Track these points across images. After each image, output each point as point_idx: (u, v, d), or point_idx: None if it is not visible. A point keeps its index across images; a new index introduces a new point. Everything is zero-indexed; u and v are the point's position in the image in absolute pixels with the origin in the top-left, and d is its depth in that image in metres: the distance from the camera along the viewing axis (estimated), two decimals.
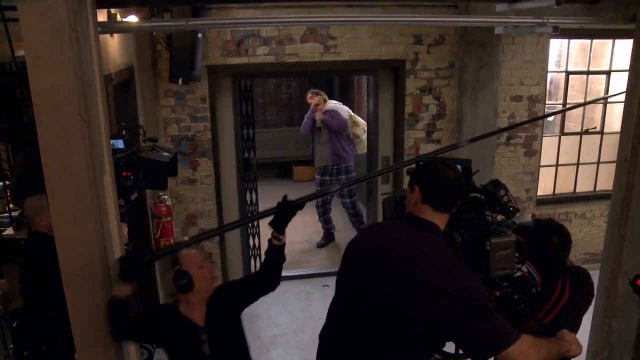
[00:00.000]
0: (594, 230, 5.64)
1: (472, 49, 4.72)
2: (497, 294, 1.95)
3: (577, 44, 5.43)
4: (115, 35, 3.37)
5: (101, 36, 2.49)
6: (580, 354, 1.86)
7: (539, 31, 2.95)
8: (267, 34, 4.59)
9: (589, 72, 5.48)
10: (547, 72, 5.17)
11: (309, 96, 5.98)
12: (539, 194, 5.54)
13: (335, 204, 6.34)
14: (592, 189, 5.79)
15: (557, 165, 5.64)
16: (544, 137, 5.37)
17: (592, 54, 5.42)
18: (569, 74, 5.39)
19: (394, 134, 5.15)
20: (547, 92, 5.28)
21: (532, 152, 5.30)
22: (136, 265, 2.17)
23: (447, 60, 4.92)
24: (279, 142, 9.03)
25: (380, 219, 5.10)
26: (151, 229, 4.33)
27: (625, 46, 5.29)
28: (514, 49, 4.96)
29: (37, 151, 3.32)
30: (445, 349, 2.10)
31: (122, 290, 2.17)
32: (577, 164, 5.69)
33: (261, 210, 2.84)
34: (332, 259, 5.87)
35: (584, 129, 5.59)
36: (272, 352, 4.35)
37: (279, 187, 6.05)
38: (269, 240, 2.27)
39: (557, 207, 5.52)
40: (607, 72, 5.48)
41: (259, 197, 5.53)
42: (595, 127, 5.62)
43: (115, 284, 2.19)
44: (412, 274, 1.75)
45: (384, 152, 5.21)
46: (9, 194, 4.08)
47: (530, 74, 5.07)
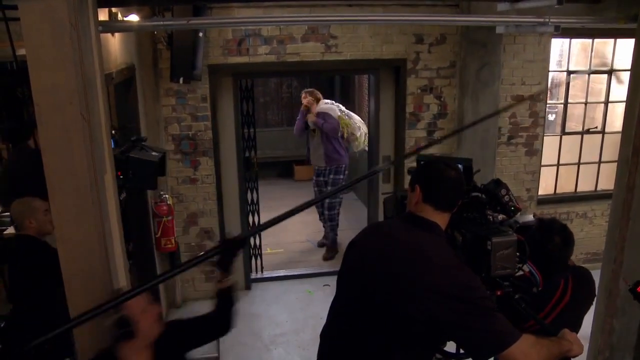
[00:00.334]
0: (595, 230, 5.63)
1: (474, 49, 4.72)
2: (498, 293, 1.95)
3: (578, 43, 5.42)
4: (116, 34, 3.37)
5: (102, 35, 2.49)
6: (581, 353, 1.85)
7: (540, 30, 2.95)
8: (268, 33, 4.59)
9: (590, 72, 5.47)
10: (549, 71, 5.16)
11: (303, 96, 5.90)
12: (540, 193, 5.53)
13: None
14: (594, 189, 5.78)
15: (558, 164, 5.63)
16: (545, 137, 5.36)
17: (593, 54, 5.41)
18: (570, 73, 5.38)
19: (395, 133, 5.15)
20: (549, 91, 5.28)
21: (533, 151, 5.30)
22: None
23: (449, 59, 4.91)
24: (279, 141, 9.03)
25: (381, 218, 5.10)
26: (152, 228, 4.34)
27: (626, 46, 5.28)
28: (515, 48, 4.94)
29: (28, 150, 3.29)
30: (446, 348, 2.10)
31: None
32: (579, 164, 5.68)
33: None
34: (333, 259, 5.86)
35: (585, 128, 5.60)
36: (273, 351, 4.36)
37: (280, 187, 6.06)
38: (216, 283, 2.15)
39: (558, 206, 5.51)
40: (609, 72, 5.48)
41: (260, 197, 5.55)
42: (596, 127, 5.63)
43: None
44: (412, 274, 1.75)
45: (385, 152, 5.21)
46: None
47: (531, 74, 5.05)
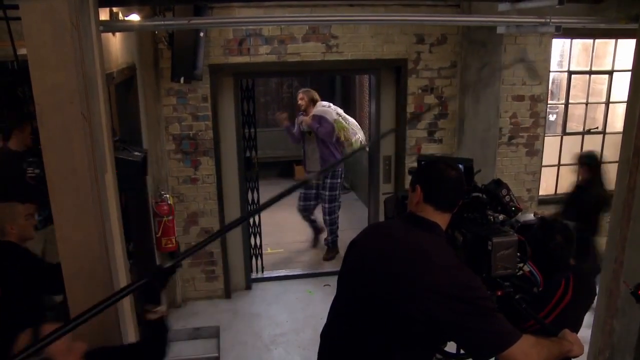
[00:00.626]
0: None
1: (474, 49, 4.72)
2: (499, 293, 1.95)
3: (579, 43, 5.42)
4: (117, 34, 3.37)
5: (103, 35, 2.49)
6: (581, 354, 1.86)
7: (541, 31, 2.95)
8: (269, 33, 4.59)
9: (591, 72, 5.47)
10: (550, 71, 5.16)
11: (300, 96, 5.74)
12: (540, 193, 5.52)
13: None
14: None
15: (559, 165, 5.63)
16: (546, 137, 5.36)
17: (594, 54, 5.41)
18: (571, 73, 5.38)
19: (395, 133, 5.14)
20: (549, 91, 5.28)
21: (534, 152, 5.29)
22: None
23: (449, 59, 4.91)
24: (280, 141, 9.01)
25: (381, 218, 5.10)
26: (152, 227, 4.34)
27: (627, 46, 5.28)
28: (516, 48, 4.95)
29: (7, 152, 3.20)
30: (446, 349, 2.10)
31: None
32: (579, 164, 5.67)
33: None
34: (334, 259, 5.86)
35: (586, 129, 5.60)
36: (273, 351, 4.36)
37: (280, 187, 5.99)
38: (143, 313, 1.87)
39: (558, 207, 5.49)
40: (610, 72, 5.47)
41: (260, 197, 5.54)
42: (597, 127, 5.62)
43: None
44: (413, 274, 1.75)
45: (385, 152, 5.21)
46: None
47: (532, 74, 5.06)
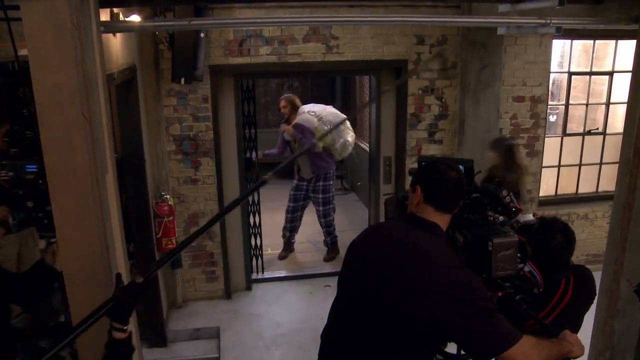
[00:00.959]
0: (596, 231, 5.63)
1: (475, 50, 4.71)
2: (499, 294, 1.95)
3: (579, 44, 5.43)
4: (117, 34, 3.37)
5: (104, 35, 2.49)
6: (582, 355, 1.85)
7: (541, 32, 2.95)
8: (269, 33, 4.59)
9: (591, 73, 5.47)
10: (550, 72, 5.16)
11: (282, 104, 5.58)
12: (541, 194, 5.53)
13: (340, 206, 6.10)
14: (595, 190, 5.79)
15: (559, 166, 5.63)
16: (546, 138, 5.37)
17: (594, 55, 5.41)
18: (571, 74, 5.38)
19: (396, 134, 5.15)
20: (550, 92, 5.28)
21: (535, 152, 5.30)
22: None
23: (450, 60, 4.91)
24: None
25: (382, 219, 5.10)
26: (153, 228, 4.34)
27: (628, 47, 5.28)
28: (516, 49, 4.96)
29: None
30: (447, 349, 2.10)
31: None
32: (580, 165, 5.68)
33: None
34: (334, 259, 5.86)
35: (587, 130, 5.60)
36: (273, 352, 4.35)
37: (281, 187, 6.04)
38: (109, 331, 1.67)
39: (559, 208, 5.50)
40: (610, 73, 5.47)
41: (260, 197, 5.54)
42: (597, 128, 5.63)
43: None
44: (413, 275, 1.75)
45: (386, 153, 5.21)
46: None
47: (532, 75, 5.06)
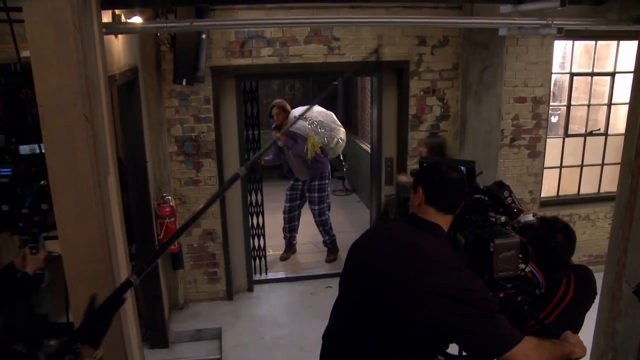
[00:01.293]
0: (598, 232, 5.62)
1: (476, 51, 4.71)
2: (501, 295, 1.95)
3: (581, 45, 5.42)
4: (119, 36, 3.38)
5: (105, 37, 2.49)
6: (584, 356, 1.85)
7: (543, 33, 2.94)
8: (271, 35, 4.60)
9: (593, 74, 5.47)
10: (551, 73, 5.16)
11: (276, 111, 5.46)
12: (542, 195, 5.53)
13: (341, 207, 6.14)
14: (596, 191, 5.78)
15: (561, 167, 5.63)
16: (547, 139, 5.36)
17: (596, 56, 5.41)
18: (573, 75, 5.38)
19: (397, 135, 5.14)
20: (551, 93, 5.28)
21: (536, 153, 5.30)
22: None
23: (451, 61, 4.91)
24: None
25: (383, 221, 5.10)
26: (155, 229, 4.34)
27: (629, 48, 5.28)
28: (518, 50, 4.96)
29: None
30: (448, 350, 2.10)
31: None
32: (581, 166, 5.68)
33: None
34: (336, 260, 5.87)
35: (588, 130, 5.60)
36: (275, 353, 4.35)
37: (283, 188, 6.04)
38: (77, 356, 1.48)
39: (561, 208, 5.50)
40: (612, 74, 5.47)
41: (264, 198, 5.54)
42: (599, 129, 5.63)
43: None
44: (414, 275, 1.75)
45: (387, 154, 5.20)
46: None
47: (534, 76, 5.06)
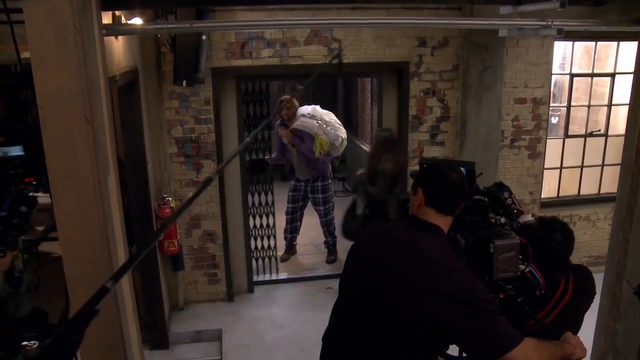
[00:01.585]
0: (598, 233, 5.62)
1: (476, 52, 4.72)
2: (501, 296, 1.94)
3: (581, 46, 5.42)
4: (119, 37, 3.38)
5: (106, 38, 2.49)
6: (584, 357, 1.85)
7: (543, 34, 2.95)
8: (271, 36, 4.60)
9: (593, 75, 5.47)
10: (552, 74, 5.16)
11: (287, 105, 5.38)
12: (543, 196, 5.53)
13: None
14: (597, 192, 5.78)
15: (561, 167, 5.63)
16: (548, 140, 5.36)
17: (596, 56, 5.41)
18: (573, 76, 5.38)
19: (398, 136, 5.13)
20: (552, 94, 5.28)
21: (536, 154, 5.30)
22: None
23: (451, 62, 4.91)
24: None
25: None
26: (155, 230, 4.34)
27: (630, 48, 5.28)
28: (518, 51, 4.96)
29: None
30: (448, 351, 2.09)
31: None
32: (582, 167, 5.68)
33: None
34: (336, 261, 5.86)
35: (588, 131, 5.60)
36: (275, 354, 4.35)
37: (284, 189, 6.03)
38: None
39: (561, 209, 5.50)
40: (612, 75, 5.47)
41: (262, 199, 5.53)
42: (599, 130, 5.63)
43: None
44: (414, 276, 1.75)
45: None
46: None
47: (534, 77, 5.06)
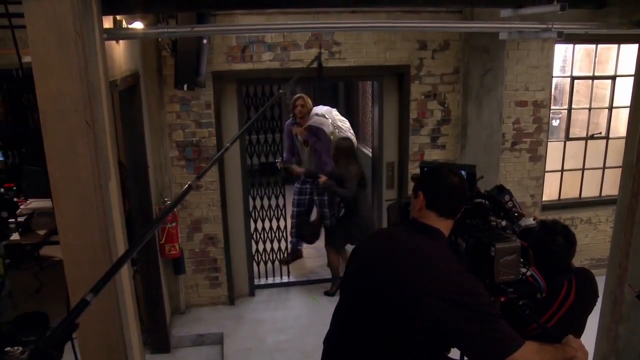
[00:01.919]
0: (599, 235, 5.61)
1: (477, 55, 4.72)
2: (502, 299, 1.94)
3: (582, 49, 5.43)
4: (120, 41, 3.39)
5: (107, 42, 2.50)
6: None
7: (543, 36, 2.95)
8: (271, 40, 4.61)
9: (594, 77, 5.47)
10: (552, 77, 5.16)
11: (301, 103, 5.41)
12: (544, 199, 5.52)
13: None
14: (598, 195, 5.77)
15: (562, 170, 5.63)
16: (549, 143, 5.36)
17: (597, 59, 5.41)
18: (574, 79, 5.38)
19: (398, 139, 5.14)
20: (552, 97, 5.28)
21: (537, 157, 5.29)
22: None
23: (452, 65, 4.91)
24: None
25: (385, 224, 5.09)
26: (156, 234, 4.34)
27: (630, 51, 5.28)
28: (518, 54, 4.96)
29: None
30: (450, 355, 2.09)
31: None
32: (583, 169, 5.67)
33: None
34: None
35: (589, 134, 5.59)
36: (277, 357, 4.34)
37: (288, 191, 6.00)
38: None
39: (562, 212, 5.49)
40: (612, 77, 5.47)
41: (264, 203, 5.53)
42: (600, 133, 5.62)
43: None
44: (416, 280, 1.75)
45: (388, 158, 5.20)
46: None
47: (535, 79, 5.06)
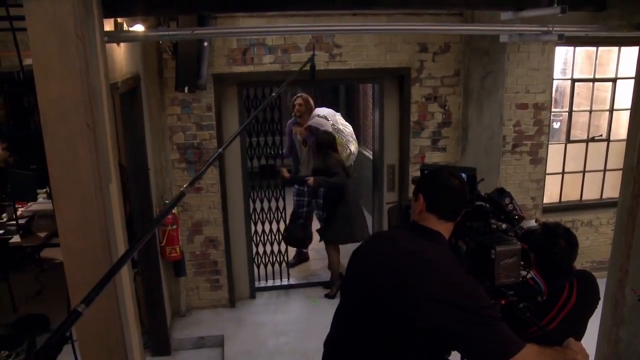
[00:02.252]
0: (600, 238, 5.61)
1: (478, 57, 4.72)
2: (503, 302, 1.94)
3: (582, 51, 5.43)
4: (121, 44, 3.40)
5: (107, 45, 2.51)
6: None
7: (544, 39, 2.95)
8: (272, 42, 4.61)
9: (594, 80, 5.47)
10: (553, 79, 5.16)
11: (299, 101, 5.51)
12: (545, 201, 5.52)
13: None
14: (599, 197, 5.77)
15: (563, 173, 5.62)
16: (549, 145, 5.36)
17: (597, 62, 5.41)
18: (574, 81, 5.38)
19: (399, 142, 5.14)
20: (553, 99, 5.28)
21: (538, 160, 5.29)
22: None
23: (453, 68, 4.92)
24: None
25: (385, 227, 5.09)
26: (157, 236, 4.34)
27: (631, 53, 5.29)
28: (519, 56, 4.96)
29: None
30: (451, 358, 2.09)
31: None
32: (584, 172, 5.67)
33: None
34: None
35: (590, 136, 5.59)
36: None
37: (286, 193, 6.00)
38: None
39: (563, 215, 5.49)
40: (613, 80, 5.47)
41: (264, 205, 5.53)
42: (601, 135, 5.62)
43: None
44: (416, 283, 1.75)
45: (389, 161, 5.20)
46: None
47: (535, 82, 5.07)
